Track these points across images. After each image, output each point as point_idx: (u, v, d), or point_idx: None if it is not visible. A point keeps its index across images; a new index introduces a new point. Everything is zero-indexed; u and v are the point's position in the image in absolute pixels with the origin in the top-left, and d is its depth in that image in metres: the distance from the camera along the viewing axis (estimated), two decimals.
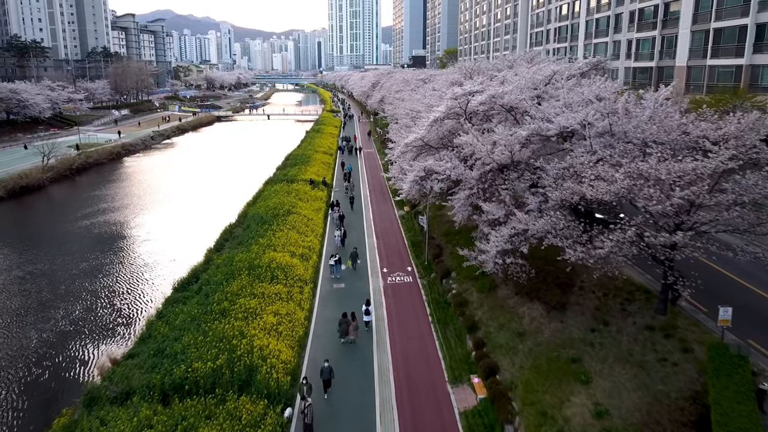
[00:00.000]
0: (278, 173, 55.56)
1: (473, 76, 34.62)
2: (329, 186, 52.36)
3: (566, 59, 40.52)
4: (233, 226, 39.41)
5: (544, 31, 74.80)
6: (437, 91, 45.99)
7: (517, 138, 20.66)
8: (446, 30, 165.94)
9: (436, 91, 46.02)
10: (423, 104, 37.75)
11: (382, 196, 49.70)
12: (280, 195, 45.20)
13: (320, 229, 38.45)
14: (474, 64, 34.86)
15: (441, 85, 46.60)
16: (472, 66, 34.69)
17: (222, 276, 27.83)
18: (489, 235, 21.88)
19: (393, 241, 36.76)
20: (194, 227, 45.13)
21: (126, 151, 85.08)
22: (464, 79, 35.43)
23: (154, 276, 34.85)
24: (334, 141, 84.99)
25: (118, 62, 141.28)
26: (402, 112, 49.66)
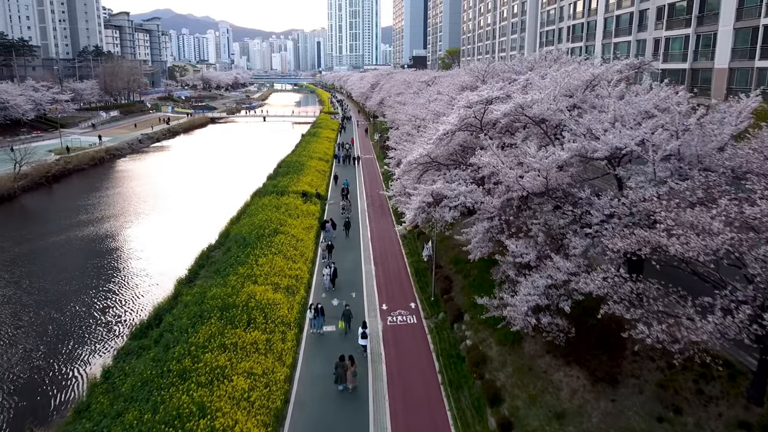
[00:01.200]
0: (268, 184, 50.83)
1: (486, 79, 30.06)
2: (323, 198, 47.65)
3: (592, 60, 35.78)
4: (212, 248, 34.76)
5: (556, 29, 70.15)
6: (443, 95, 41.41)
7: (555, 161, 16.00)
8: (448, 29, 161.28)
9: (441, 95, 41.45)
10: (427, 111, 33.09)
11: (380, 210, 45.04)
12: (267, 210, 40.54)
13: (310, 252, 33.76)
14: (487, 65, 30.42)
15: (447, 88, 41.98)
16: (485, 67, 30.27)
17: (188, 319, 23.15)
18: (516, 283, 17.26)
19: (394, 268, 32.09)
20: (180, 243, 40.43)
21: (110, 155, 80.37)
22: (477, 82, 30.85)
23: (128, 308, 30.13)
24: (330, 145, 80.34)
25: (107, 61, 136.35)
26: (404, 117, 45.03)
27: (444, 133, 22.21)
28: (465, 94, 24.64)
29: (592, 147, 16.05)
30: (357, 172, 61.01)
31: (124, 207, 52.29)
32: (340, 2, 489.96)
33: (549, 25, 73.03)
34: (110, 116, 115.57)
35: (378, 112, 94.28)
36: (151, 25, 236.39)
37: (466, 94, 24.76)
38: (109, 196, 57.19)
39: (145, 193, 58.54)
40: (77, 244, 41.46)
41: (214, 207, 50.48)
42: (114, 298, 31.28)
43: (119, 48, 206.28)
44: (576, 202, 16.82)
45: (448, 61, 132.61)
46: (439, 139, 22.53)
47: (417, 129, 37.56)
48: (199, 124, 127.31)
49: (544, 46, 72.97)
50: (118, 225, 46.28)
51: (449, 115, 24.13)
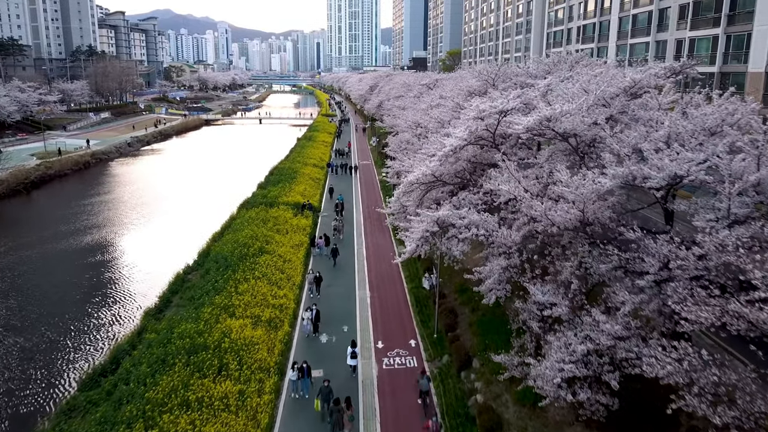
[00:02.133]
0: (257, 194, 47.33)
1: (497, 84, 26.68)
2: (316, 210, 44.12)
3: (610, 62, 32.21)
4: (189, 270, 31.26)
5: (564, 30, 66.68)
6: (446, 99, 37.99)
7: (596, 190, 12.57)
8: (449, 30, 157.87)
9: (445, 99, 38.02)
10: (429, 118, 29.64)
11: (378, 224, 41.54)
12: (254, 225, 37.06)
13: (299, 275, 30.26)
14: (498, 68, 27.06)
15: (452, 92, 38.56)
16: (496, 70, 26.91)
17: (149, 365, 19.67)
18: (543, 339, 13.85)
19: (392, 295, 28.61)
20: (162, 260, 36.92)
21: (96, 159, 76.80)
22: (487, 87, 27.45)
23: (92, 344, 26.61)
24: (326, 150, 76.90)
25: (99, 61, 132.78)
26: (403, 123, 41.64)
27: (451, 150, 18.73)
28: (475, 103, 21.21)
29: (643, 173, 12.60)
30: (354, 183, 56.87)
31: (106, 217, 48.75)
32: (339, 3, 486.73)
33: (557, 26, 69.59)
34: (101, 118, 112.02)
35: (376, 115, 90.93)
36: (147, 25, 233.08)
37: (475, 102, 21.33)
38: (91, 204, 53.66)
39: (129, 200, 55.01)
40: (52, 260, 37.96)
41: (201, 218, 47.01)
42: (81, 329, 27.76)
43: (114, 48, 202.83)
44: (622, 241, 13.35)
45: (449, 63, 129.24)
46: (445, 156, 19.05)
47: (418, 137, 34.17)
48: (192, 126, 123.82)
49: (552, 47, 69.42)
50: (97, 238, 42.74)
51: (456, 127, 20.70)
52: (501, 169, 16.94)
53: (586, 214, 13.36)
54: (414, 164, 22.30)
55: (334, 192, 49.15)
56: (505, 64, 26.92)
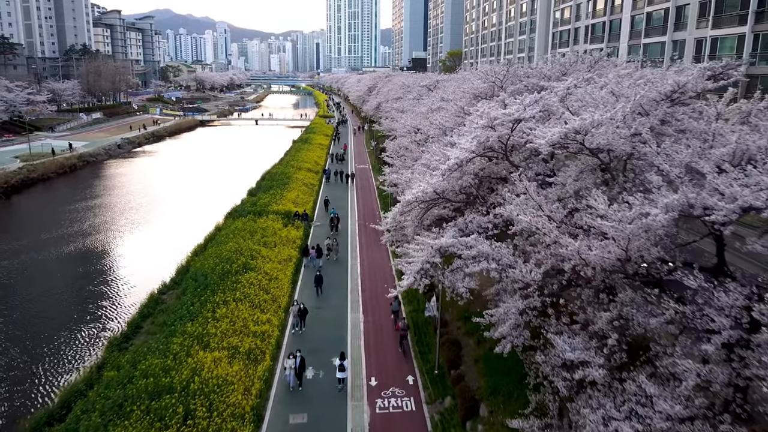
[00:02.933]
0: (246, 202, 44.53)
1: (505, 86, 23.91)
2: (308, 220, 41.28)
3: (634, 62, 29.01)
4: (164, 290, 28.47)
5: (572, 29, 63.88)
6: (448, 102, 35.25)
7: (645, 226, 9.81)
8: (449, 30, 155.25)
9: (446, 102, 35.28)
10: (431, 123, 26.89)
11: (374, 235, 38.66)
12: (240, 237, 34.28)
13: (285, 296, 27.44)
14: (507, 68, 24.27)
15: (453, 94, 35.84)
16: (504, 71, 24.13)
17: (102, 412, 16.86)
18: (572, 408, 11.10)
19: (388, 319, 25.81)
20: (143, 274, 34.12)
21: (84, 162, 73.99)
22: (495, 89, 24.64)
23: (48, 383, 23.80)
24: (322, 154, 74.14)
25: (92, 60, 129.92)
26: (402, 128, 38.88)
27: (457, 164, 15.97)
28: (483, 108, 18.42)
29: (705, 203, 9.82)
30: (349, 192, 52.78)
31: (90, 224, 45.86)
32: (339, 4, 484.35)
33: (563, 25, 66.78)
34: (92, 119, 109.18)
35: (375, 117, 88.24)
36: (143, 24, 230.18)
37: (484, 107, 18.53)
38: (75, 210, 50.81)
39: (115, 206, 52.15)
40: (30, 271, 35.12)
41: (189, 226, 44.22)
42: (54, 353, 24.92)
43: (110, 47, 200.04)
44: (671, 283, 10.59)
45: (449, 64, 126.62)
46: (449, 170, 16.28)
47: (417, 143, 31.41)
48: (186, 127, 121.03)
49: (557, 48, 66.68)
50: (80, 247, 39.94)
51: (461, 136, 17.92)
52: (514, 186, 14.21)
53: (630, 252, 10.59)
54: (413, 178, 19.52)
55: (329, 204, 45.19)
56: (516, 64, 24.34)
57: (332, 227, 38.85)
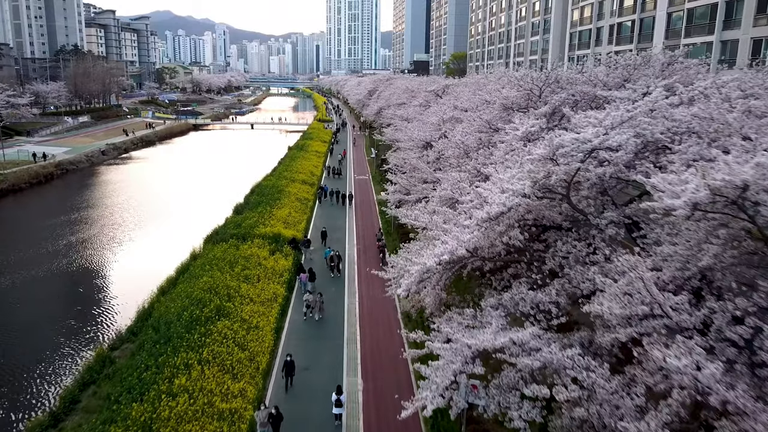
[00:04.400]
0: (229, 223, 39.24)
1: (544, 95, 18.74)
2: (300, 245, 35.83)
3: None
4: (117, 344, 23.21)
5: (592, 29, 58.54)
6: (463, 111, 30.17)
7: None
8: (453, 32, 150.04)
9: (461, 111, 30.15)
10: (449, 141, 21.64)
11: (375, 265, 33.54)
12: (217, 269, 29.05)
13: (266, 354, 22.14)
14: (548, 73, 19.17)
15: (469, 102, 30.73)
16: (544, 76, 19.00)
17: None
18: None
19: (394, 385, 20.53)
20: (110, 314, 28.85)
21: (62, 171, 68.69)
22: (532, 99, 19.40)
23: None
24: (319, 162, 68.95)
25: (81, 61, 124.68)
26: (407, 140, 33.67)
27: (501, 211, 10.72)
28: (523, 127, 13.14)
29: None
30: (348, 219, 43.65)
31: (58, 247, 40.39)
32: (339, 6, 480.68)
33: (583, 25, 61.43)
34: (78, 122, 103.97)
35: (375, 123, 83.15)
36: (139, 25, 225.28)
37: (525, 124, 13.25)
38: (44, 228, 45.47)
39: (88, 223, 46.78)
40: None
41: (165, 250, 39.10)
42: None
43: (104, 48, 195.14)
44: None
45: (453, 66, 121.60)
46: (488, 221, 11.05)
47: (429, 164, 26.17)
48: (178, 131, 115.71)
49: (576, 50, 61.56)
50: (44, 274, 34.61)
51: (503, 169, 12.64)
52: (587, 248, 9.00)
53: None
54: (431, 222, 14.27)
55: (326, 237, 37.14)
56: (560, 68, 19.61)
57: (331, 268, 31.30)
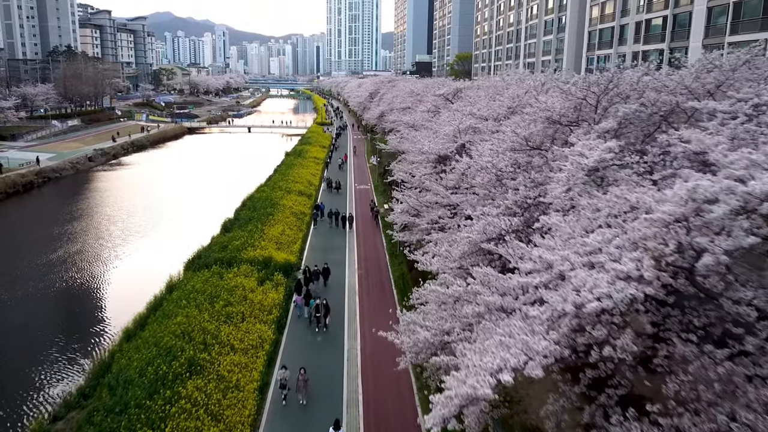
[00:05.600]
0: (215, 243, 34.87)
1: (601, 105, 14.47)
2: (313, 280, 31.09)
3: None
4: (61, 413, 18.82)
5: (615, 27, 53.94)
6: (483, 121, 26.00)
7: None
8: (457, 32, 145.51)
9: (481, 120, 25.92)
10: (476, 164, 17.25)
11: (380, 292, 29.28)
12: (194, 305, 24.79)
13: (246, 426, 17.78)
14: (611, 76, 14.96)
15: (489, 110, 26.48)
16: (604, 80, 14.75)
17: None
18: None
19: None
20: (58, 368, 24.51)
21: (44, 179, 64.38)
22: (584, 110, 15.08)
23: None
24: (318, 169, 64.66)
25: (70, 62, 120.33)
26: (416, 152, 29.31)
27: (602, 309, 6.26)
28: (587, 152, 8.77)
29: None
30: (348, 250, 36.68)
31: (26, 271, 36.21)
32: (339, 6, 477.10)
33: (603, 22, 57.24)
34: (67, 126, 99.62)
35: (378, 127, 78.85)
36: (135, 25, 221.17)
37: (602, 152, 8.85)
38: (12, 249, 41.30)
39: (64, 241, 42.48)
40: None
41: (145, 276, 34.84)
42: None
43: (99, 49, 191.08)
44: None
45: (457, 68, 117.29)
46: (568, 330, 6.58)
47: (446, 187, 21.86)
48: (172, 135, 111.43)
49: (596, 49, 57.10)
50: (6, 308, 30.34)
51: (574, 222, 8.19)
52: None
53: None
54: (463, 290, 9.94)
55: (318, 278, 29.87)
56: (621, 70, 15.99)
57: (317, 320, 24.77)
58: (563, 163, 12.06)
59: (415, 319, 14.20)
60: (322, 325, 24.52)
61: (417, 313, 15.34)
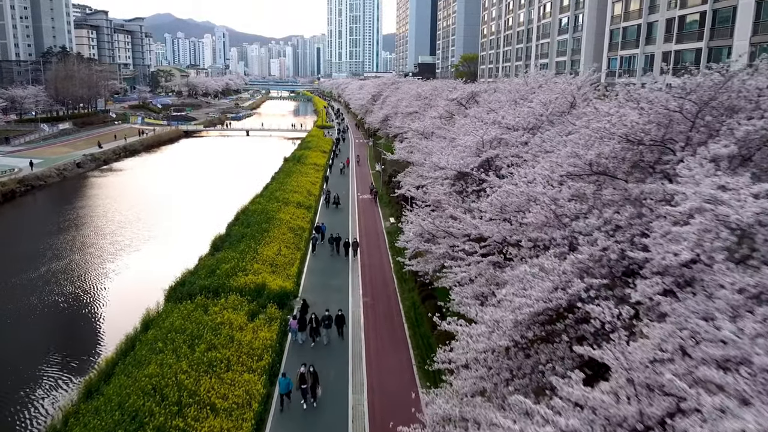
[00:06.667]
0: (202, 266, 30.98)
1: (702, 120, 10.83)
2: (291, 300, 27.65)
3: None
4: None
5: (642, 24, 49.56)
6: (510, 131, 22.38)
7: None
8: (462, 32, 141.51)
9: (509, 131, 22.22)
10: (520, 191, 13.36)
11: (389, 326, 25.42)
12: (172, 348, 21.07)
13: None
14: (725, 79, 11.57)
15: (516, 118, 22.72)
16: (708, 83, 11.30)
17: None
18: None
19: None
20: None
21: (26, 187, 60.56)
22: (677, 127, 11.32)
23: None
24: (318, 177, 60.86)
25: (61, 63, 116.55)
26: (431, 168, 25.48)
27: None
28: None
29: None
30: (350, 264, 33.59)
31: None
32: (340, 7, 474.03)
33: (628, 20, 53.04)
34: (58, 129, 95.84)
35: (381, 132, 75.11)
36: (133, 26, 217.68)
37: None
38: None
39: (34, 259, 38.66)
40: None
41: (125, 307, 31.03)
42: None
43: (96, 50, 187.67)
44: None
45: (463, 69, 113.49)
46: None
47: (464, 203, 18.09)
48: (167, 139, 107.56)
49: (619, 49, 53.12)
50: None
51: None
52: None
53: None
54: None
55: (343, 323, 24.43)
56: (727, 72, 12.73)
57: (303, 394, 19.46)
58: (663, 207, 8.28)
59: (450, 412, 10.38)
60: (311, 399, 19.24)
61: (451, 396, 11.53)
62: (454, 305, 15.44)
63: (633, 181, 10.76)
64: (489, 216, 14.45)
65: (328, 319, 23.89)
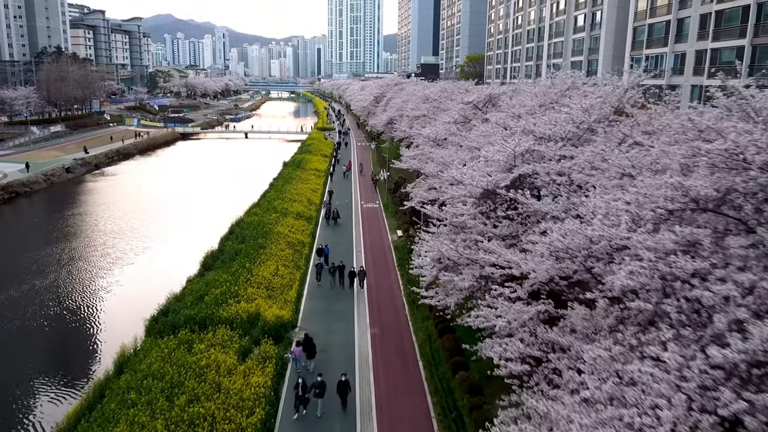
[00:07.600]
0: (187, 293, 27.53)
1: None
2: (290, 332, 24.29)
3: None
4: None
5: (671, 21, 45.75)
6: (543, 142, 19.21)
7: None
8: (468, 32, 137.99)
9: (541, 142, 18.96)
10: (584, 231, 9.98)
11: (402, 365, 22.02)
12: (146, 399, 17.77)
13: None
14: None
15: (546, 125, 19.53)
16: None
17: None
18: None
19: None
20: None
21: (11, 194, 57.18)
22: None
23: None
24: (319, 184, 57.51)
25: (53, 64, 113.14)
26: (451, 184, 22.12)
27: None
28: None
29: None
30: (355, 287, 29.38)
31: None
32: (340, 8, 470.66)
33: (654, 16, 49.15)
34: (49, 132, 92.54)
35: (386, 136, 71.70)
36: (130, 26, 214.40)
37: None
38: None
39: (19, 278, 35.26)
40: None
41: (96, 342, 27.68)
42: None
43: (93, 50, 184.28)
44: None
45: (468, 70, 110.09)
46: None
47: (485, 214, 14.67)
48: (163, 141, 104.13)
49: (644, 47, 49.53)
50: None
51: None
52: None
53: None
54: None
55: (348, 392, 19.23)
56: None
57: None
58: None
59: None
60: None
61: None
62: (500, 371, 12.07)
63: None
64: (541, 254, 11.07)
65: (321, 387, 18.46)
